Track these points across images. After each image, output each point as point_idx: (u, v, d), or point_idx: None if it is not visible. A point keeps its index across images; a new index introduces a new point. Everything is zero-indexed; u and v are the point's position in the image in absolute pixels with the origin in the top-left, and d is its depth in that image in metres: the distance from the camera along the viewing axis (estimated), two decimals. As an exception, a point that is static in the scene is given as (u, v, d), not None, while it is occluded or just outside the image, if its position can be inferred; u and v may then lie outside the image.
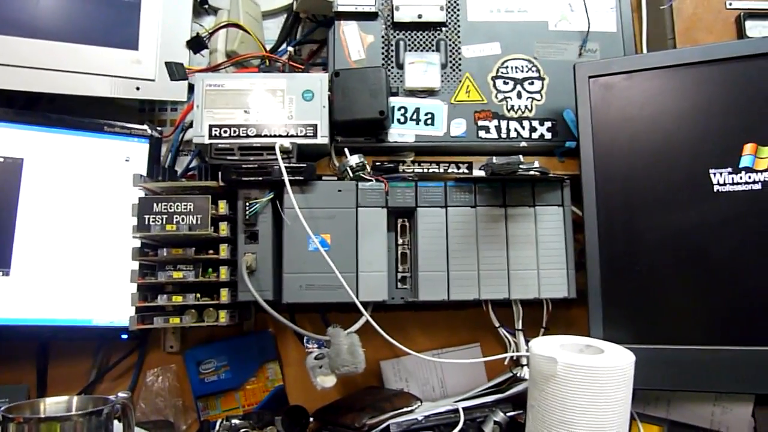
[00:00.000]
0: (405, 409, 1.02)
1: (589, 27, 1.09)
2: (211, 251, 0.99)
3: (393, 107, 1.06)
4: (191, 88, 1.15)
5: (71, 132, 1.12)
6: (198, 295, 0.99)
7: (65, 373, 1.16)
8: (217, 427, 1.04)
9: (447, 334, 1.19)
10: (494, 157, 0.93)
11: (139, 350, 1.18)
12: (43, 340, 1.15)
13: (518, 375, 1.05)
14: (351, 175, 1.02)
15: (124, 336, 1.11)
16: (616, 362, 0.82)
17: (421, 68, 1.07)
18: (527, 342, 1.06)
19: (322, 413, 1.07)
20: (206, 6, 1.23)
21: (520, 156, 0.93)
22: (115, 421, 0.78)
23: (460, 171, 1.09)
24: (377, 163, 1.07)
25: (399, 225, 1.05)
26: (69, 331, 1.09)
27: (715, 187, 0.92)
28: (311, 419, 1.07)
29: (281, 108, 1.02)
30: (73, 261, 1.09)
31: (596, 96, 0.99)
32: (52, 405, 0.77)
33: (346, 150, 1.03)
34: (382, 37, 1.09)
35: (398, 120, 1.06)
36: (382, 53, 1.08)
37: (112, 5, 1.13)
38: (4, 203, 1.07)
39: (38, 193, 1.09)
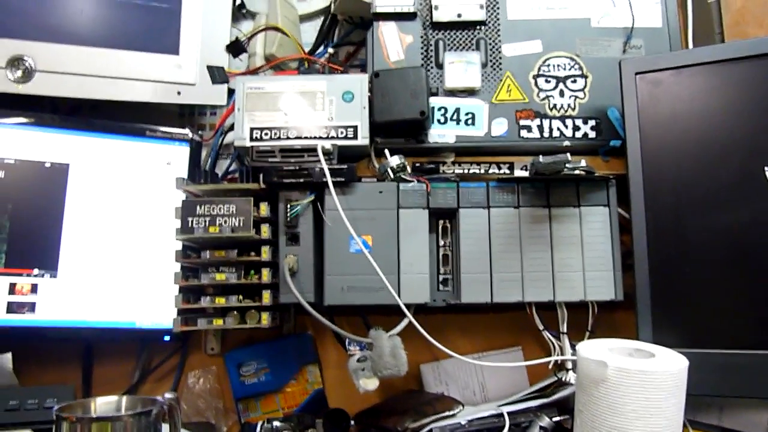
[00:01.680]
0: (447, 413, 1.01)
1: (633, 23, 1.06)
2: (252, 253, 0.99)
3: (433, 107, 1.05)
4: (230, 92, 1.16)
5: (114, 137, 1.14)
6: (240, 297, 0.99)
7: (109, 373, 1.18)
8: (258, 429, 1.04)
9: (487, 338, 1.17)
10: (540, 156, 0.91)
11: (181, 352, 1.19)
12: (87, 341, 1.17)
13: (563, 379, 1.02)
14: (392, 176, 1.01)
15: (167, 338, 1.12)
16: (668, 366, 0.79)
17: (461, 68, 1.06)
18: (572, 346, 1.04)
19: (363, 416, 1.06)
20: (244, 11, 1.24)
21: (568, 154, 0.91)
22: (161, 422, 0.79)
23: (501, 171, 1.07)
24: (417, 165, 1.07)
25: (440, 226, 1.04)
26: (113, 333, 1.11)
27: (771, 185, 0.89)
28: (352, 422, 1.06)
29: (321, 110, 1.02)
30: (117, 264, 1.11)
31: (643, 93, 0.97)
32: (102, 405, 0.78)
33: (386, 151, 1.03)
34: (421, 37, 1.08)
35: (438, 120, 1.05)
36: (422, 53, 1.08)
37: (152, 11, 1.15)
38: (52, 207, 1.10)
39: (84, 198, 1.11)
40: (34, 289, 1.08)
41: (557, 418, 0.96)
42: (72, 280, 1.09)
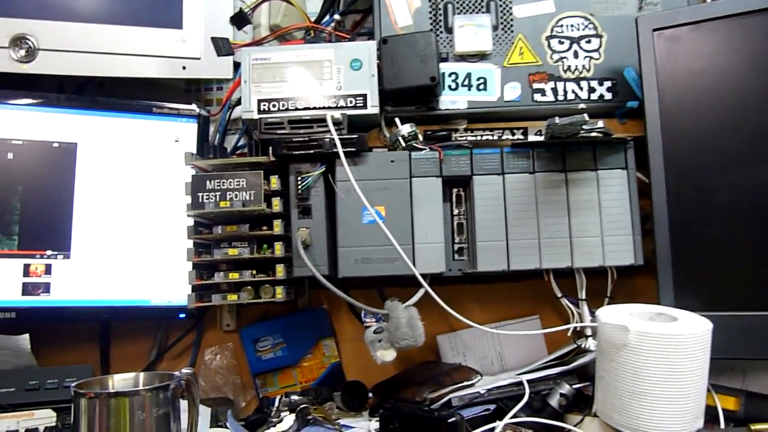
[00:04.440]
0: (465, 383, 1.00)
1: (649, -22, 1.03)
2: (264, 227, 0.98)
3: (443, 73, 1.02)
4: (236, 66, 1.14)
5: (121, 115, 1.13)
6: (254, 272, 0.98)
7: (127, 352, 1.19)
8: (276, 403, 1.04)
9: (504, 307, 1.16)
10: (556, 117, 0.89)
11: (197, 329, 1.19)
12: (104, 320, 1.17)
13: (583, 346, 1.01)
14: (403, 144, 0.99)
15: (182, 315, 1.12)
16: (692, 329, 0.77)
17: (472, 31, 1.03)
18: (591, 312, 1.03)
19: (381, 388, 1.06)
20: (247, -19, 1.22)
21: (585, 115, 0.88)
22: (179, 398, 0.79)
23: (515, 137, 1.05)
24: (428, 132, 1.04)
25: (454, 194, 1.02)
26: (128, 311, 1.11)
27: (796, 142, 0.86)
28: (370, 394, 1.06)
29: (329, 79, 0.99)
30: (130, 242, 1.11)
31: (661, 50, 0.93)
32: (120, 381, 0.78)
33: (397, 120, 1.00)
34: (429, 0, 1.05)
35: (449, 86, 1.03)
36: (430, 17, 1.05)
37: (154, -15, 1.13)
38: (62, 188, 1.09)
39: (93, 177, 1.11)
40: (48, 270, 1.08)
41: (578, 385, 0.95)
42: (85, 260, 1.09)
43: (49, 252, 1.08)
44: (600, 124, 0.92)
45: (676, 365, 0.76)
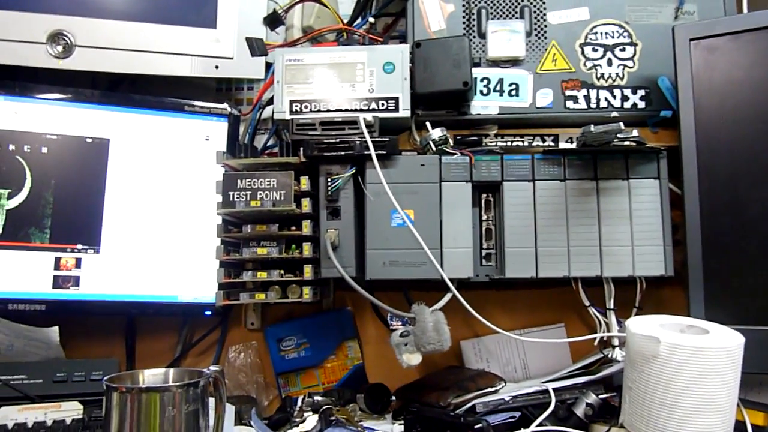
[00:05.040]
0: (489, 389, 1.00)
1: (686, -13, 1.02)
2: (293, 227, 0.98)
3: (475, 78, 1.02)
4: (268, 66, 1.14)
5: (153, 112, 1.14)
6: (282, 272, 0.99)
7: (152, 347, 1.20)
8: (299, 403, 1.04)
9: (529, 314, 1.16)
10: (591, 125, 0.88)
11: (222, 327, 1.20)
12: (131, 315, 1.18)
13: (609, 356, 1.00)
14: (434, 149, 0.99)
15: (208, 312, 1.13)
16: (725, 343, 0.76)
17: (505, 37, 1.03)
18: (619, 322, 1.02)
19: (404, 391, 1.06)
20: (281, -18, 1.22)
21: (621, 124, 0.87)
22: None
23: (546, 144, 1.04)
24: (458, 137, 1.04)
25: (483, 200, 1.02)
26: (155, 307, 1.12)
27: (835, 155, 0.84)
28: (393, 398, 1.06)
29: (362, 81, 1.00)
30: (159, 239, 1.12)
31: (698, 60, 0.92)
32: (150, 376, 0.78)
33: (428, 123, 1.01)
34: (463, 5, 1.05)
35: (481, 91, 1.03)
36: (463, 22, 1.04)
37: (190, -16, 1.14)
38: (93, 183, 1.11)
39: (124, 173, 1.12)
40: (78, 263, 1.09)
41: (604, 395, 0.94)
42: (115, 255, 1.10)
43: (79, 246, 1.09)
44: (635, 132, 0.91)
45: (707, 378, 0.75)
